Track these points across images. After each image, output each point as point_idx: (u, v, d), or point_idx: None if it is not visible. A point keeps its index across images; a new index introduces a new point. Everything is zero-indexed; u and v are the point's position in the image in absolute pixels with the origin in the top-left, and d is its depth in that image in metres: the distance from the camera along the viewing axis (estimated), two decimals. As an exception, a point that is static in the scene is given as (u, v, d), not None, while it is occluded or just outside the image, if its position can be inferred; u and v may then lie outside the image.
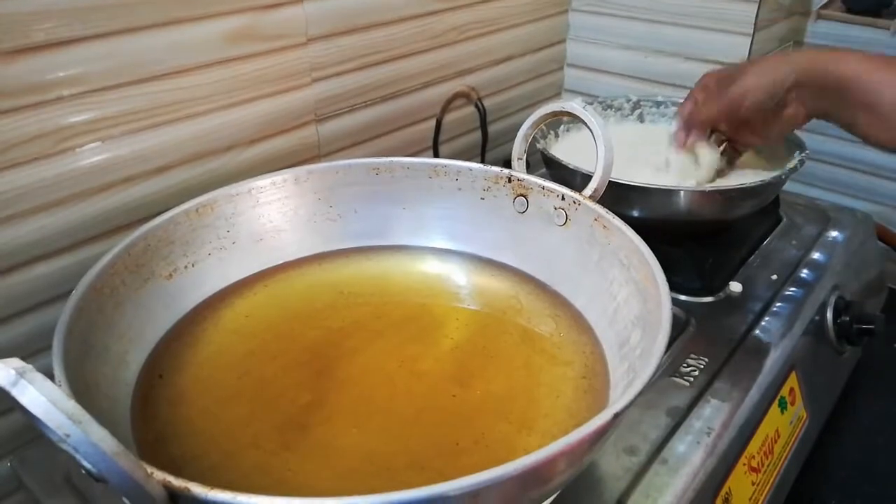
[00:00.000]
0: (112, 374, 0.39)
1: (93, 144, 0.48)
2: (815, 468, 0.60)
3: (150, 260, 0.45)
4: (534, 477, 0.28)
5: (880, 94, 0.51)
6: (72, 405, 0.23)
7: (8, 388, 0.22)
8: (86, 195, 0.49)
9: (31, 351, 0.48)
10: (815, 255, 0.64)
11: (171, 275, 0.46)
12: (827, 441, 0.60)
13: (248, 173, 0.51)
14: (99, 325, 0.39)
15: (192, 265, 0.48)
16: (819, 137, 0.86)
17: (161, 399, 0.40)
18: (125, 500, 0.26)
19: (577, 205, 0.48)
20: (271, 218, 0.52)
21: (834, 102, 0.54)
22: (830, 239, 0.67)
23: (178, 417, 0.39)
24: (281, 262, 0.52)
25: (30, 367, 0.23)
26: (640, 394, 0.31)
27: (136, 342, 0.42)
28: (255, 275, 0.51)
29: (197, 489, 0.26)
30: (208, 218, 0.49)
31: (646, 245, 0.41)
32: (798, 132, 0.67)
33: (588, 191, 0.48)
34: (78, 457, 0.26)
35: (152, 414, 0.39)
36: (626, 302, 0.43)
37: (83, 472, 0.28)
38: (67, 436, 0.22)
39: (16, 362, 0.23)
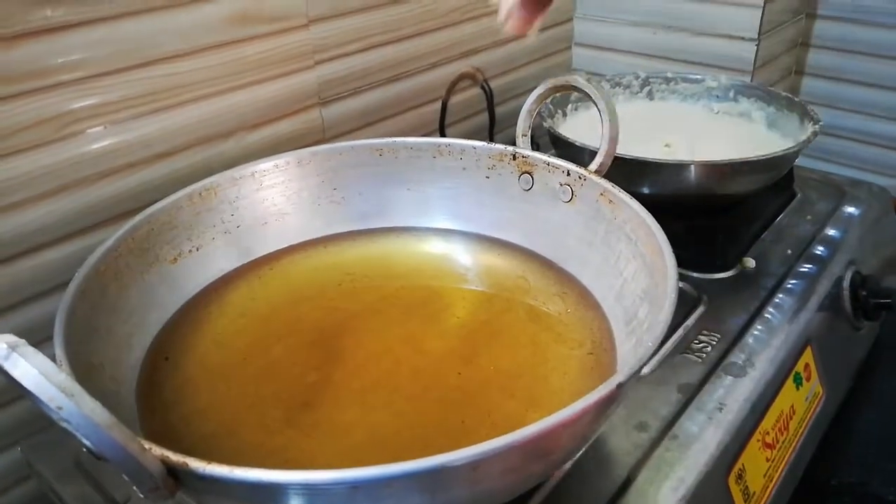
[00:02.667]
0: (117, 356, 0.39)
1: (95, 130, 0.48)
2: (832, 445, 0.59)
3: (155, 244, 0.45)
4: (536, 448, 0.28)
5: None
6: (63, 378, 0.23)
7: (0, 361, 0.22)
8: (89, 181, 0.49)
9: (38, 339, 0.47)
10: (831, 230, 0.63)
11: (175, 258, 0.46)
12: (844, 418, 0.59)
13: (252, 157, 0.51)
14: (103, 308, 0.39)
15: (197, 249, 0.48)
16: (834, 111, 0.85)
17: (166, 381, 0.40)
18: (125, 476, 0.26)
19: (582, 180, 0.47)
20: (275, 201, 0.52)
21: None
22: (846, 213, 0.65)
23: (184, 399, 0.39)
24: (285, 245, 0.52)
25: (23, 341, 0.23)
26: (645, 364, 0.30)
27: (141, 325, 0.42)
28: (259, 258, 0.50)
29: (194, 464, 0.26)
30: (212, 202, 0.49)
31: (652, 218, 0.40)
32: (812, 106, 0.65)
33: (593, 165, 0.47)
34: (73, 431, 0.26)
35: (158, 396, 0.39)
36: (634, 277, 0.42)
37: (84, 450, 0.28)
38: (60, 408, 0.22)
39: (9, 337, 0.23)
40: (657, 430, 0.42)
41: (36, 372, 0.22)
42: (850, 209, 0.66)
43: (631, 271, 0.42)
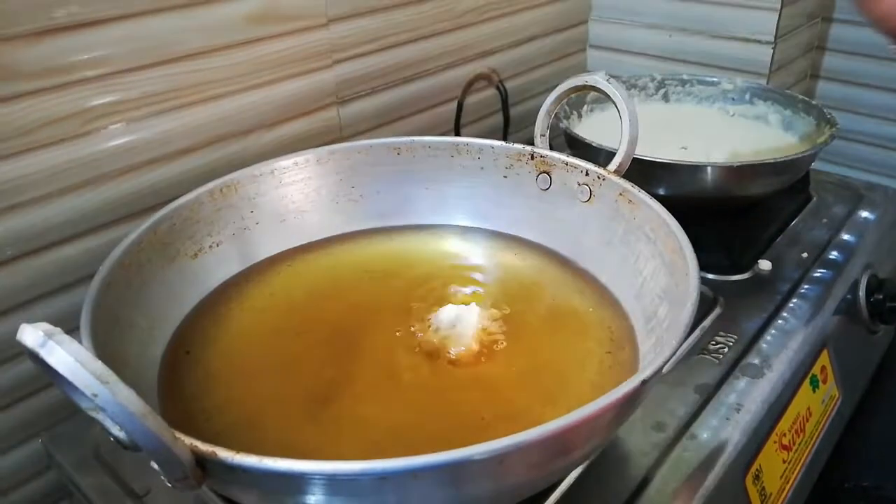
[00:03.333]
0: (139, 349, 0.39)
1: (116, 126, 0.49)
2: (847, 449, 0.59)
3: (176, 239, 0.45)
4: (561, 443, 0.28)
5: None
6: (99, 366, 0.23)
7: (37, 349, 0.23)
8: (111, 177, 0.50)
9: (64, 330, 0.49)
10: (847, 233, 0.63)
11: (196, 254, 0.46)
12: (859, 421, 0.59)
13: (270, 155, 0.51)
14: (126, 301, 0.39)
15: (217, 245, 0.48)
16: (849, 115, 0.84)
17: (187, 375, 0.40)
18: (154, 464, 0.26)
19: (601, 180, 0.47)
20: (294, 199, 0.52)
21: None
22: (862, 217, 0.65)
23: (204, 392, 0.39)
24: (304, 242, 0.52)
25: (58, 329, 0.24)
26: (668, 361, 0.30)
27: (163, 319, 0.42)
28: (278, 254, 0.51)
29: (223, 453, 0.26)
30: (232, 198, 0.49)
31: (672, 217, 0.41)
32: (829, 110, 0.65)
33: (613, 165, 0.47)
34: (106, 420, 0.26)
35: (179, 389, 0.39)
36: (653, 276, 0.42)
37: (112, 439, 0.28)
38: (95, 396, 0.23)
39: (44, 325, 0.24)
40: (675, 430, 0.42)
41: (72, 359, 0.23)
42: (867, 212, 0.66)
43: (650, 270, 0.42)
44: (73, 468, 0.43)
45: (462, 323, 0.44)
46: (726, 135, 0.71)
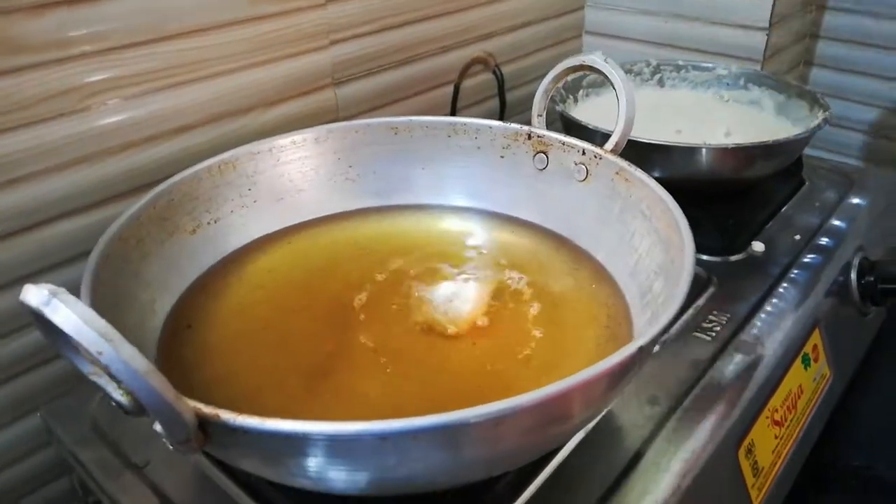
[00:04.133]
0: (138, 321, 0.40)
1: (115, 102, 0.49)
2: (838, 429, 0.60)
3: (175, 214, 0.45)
4: (557, 408, 0.29)
5: None
6: (103, 324, 0.23)
7: (41, 307, 0.23)
8: (110, 153, 0.50)
9: None
10: (839, 217, 0.63)
11: (195, 230, 0.47)
12: (851, 402, 0.60)
13: (268, 134, 0.51)
14: (125, 274, 0.40)
15: (216, 221, 0.48)
16: (842, 102, 0.85)
17: (187, 347, 0.41)
18: (156, 427, 0.27)
19: (598, 159, 0.48)
20: (292, 177, 0.52)
21: None
22: (854, 201, 0.66)
23: (204, 365, 0.40)
24: (302, 220, 0.52)
25: (62, 289, 0.24)
26: (665, 331, 0.31)
27: (162, 293, 0.43)
28: (277, 232, 0.51)
29: (226, 415, 0.26)
30: (230, 175, 0.49)
31: (668, 194, 0.41)
32: (822, 97, 0.65)
33: (609, 144, 0.47)
34: (107, 385, 0.27)
35: (178, 362, 0.40)
36: (648, 252, 0.42)
37: (113, 404, 0.28)
38: (100, 353, 0.23)
39: (49, 286, 0.24)
40: (668, 405, 0.43)
41: (76, 317, 0.23)
42: (858, 197, 0.67)
43: (646, 247, 0.43)
44: (73, 442, 0.44)
45: (459, 299, 0.45)
46: (721, 119, 0.71)
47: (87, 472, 0.41)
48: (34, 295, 0.23)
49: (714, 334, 0.48)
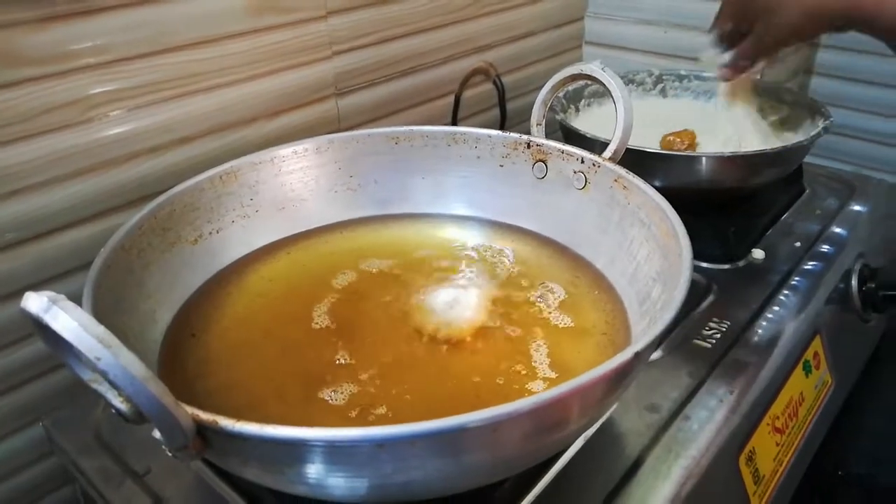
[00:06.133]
0: (139, 330, 0.40)
1: (118, 114, 0.50)
2: (841, 437, 0.60)
3: (176, 224, 0.46)
4: (554, 414, 0.29)
5: None
6: (102, 330, 0.23)
7: (41, 314, 0.23)
8: (114, 164, 0.50)
9: None
10: (840, 224, 0.63)
11: (196, 240, 0.47)
12: (853, 410, 0.60)
13: (270, 145, 0.52)
14: (127, 284, 0.40)
15: (217, 231, 0.48)
16: (842, 111, 0.85)
17: (189, 356, 0.41)
18: (155, 433, 0.27)
19: (596, 167, 0.48)
20: (293, 187, 0.53)
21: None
22: (855, 208, 0.66)
23: (206, 374, 0.40)
24: (303, 229, 0.52)
25: (62, 296, 0.24)
26: (661, 336, 0.31)
27: (164, 302, 0.43)
28: (278, 241, 0.51)
29: (224, 422, 0.26)
30: (232, 185, 0.49)
31: (666, 201, 0.41)
32: (823, 105, 0.66)
33: (608, 153, 0.48)
34: (107, 392, 0.27)
35: (180, 370, 0.40)
36: (647, 259, 0.43)
37: (113, 411, 0.29)
38: (98, 359, 0.23)
39: (49, 293, 0.24)
40: (668, 412, 0.43)
41: (76, 324, 0.23)
42: (859, 204, 0.67)
43: (644, 254, 0.43)
44: (75, 451, 0.44)
45: (459, 306, 0.45)
46: (723, 128, 0.71)
47: (88, 480, 0.41)
48: (34, 302, 0.23)
49: (714, 342, 0.49)
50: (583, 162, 0.49)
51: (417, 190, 0.55)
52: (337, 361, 0.40)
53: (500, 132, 0.53)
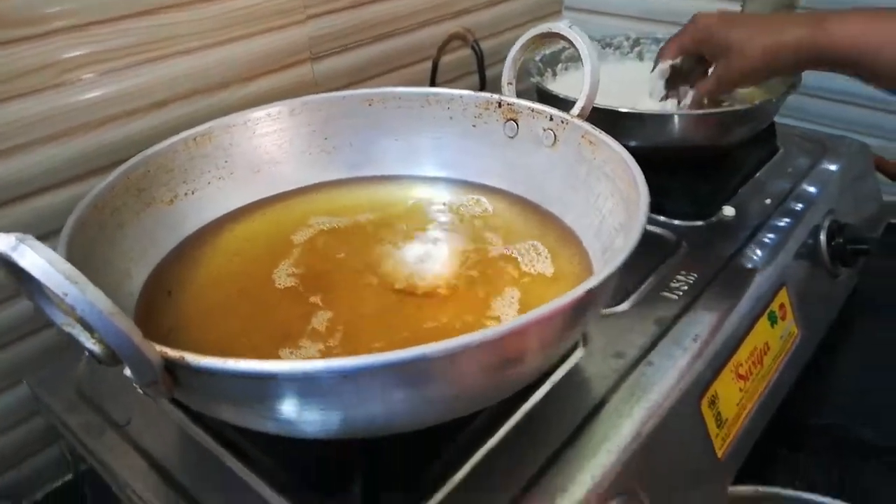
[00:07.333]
0: (115, 286, 0.41)
1: (91, 77, 0.50)
2: (811, 389, 0.62)
3: (151, 185, 0.46)
4: (510, 346, 0.30)
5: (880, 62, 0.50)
6: (68, 267, 0.24)
7: (8, 251, 0.24)
8: (88, 128, 0.51)
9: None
10: (811, 182, 0.64)
11: (171, 200, 0.48)
12: (824, 363, 0.61)
13: (247, 108, 0.52)
14: (100, 241, 0.41)
15: (192, 192, 0.49)
16: (817, 73, 0.86)
17: (162, 314, 0.42)
18: (127, 370, 0.28)
19: (565, 124, 0.49)
20: (267, 149, 0.53)
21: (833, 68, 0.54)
22: (826, 167, 0.67)
23: (179, 327, 0.41)
24: (279, 191, 0.53)
25: (29, 236, 0.25)
26: (613, 276, 0.32)
27: (139, 261, 0.44)
28: (253, 203, 0.52)
29: (190, 357, 0.27)
30: (206, 148, 0.50)
31: (627, 153, 0.42)
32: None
33: (575, 109, 0.49)
34: (80, 335, 0.28)
35: (154, 328, 0.41)
36: (611, 213, 0.44)
37: (87, 354, 0.30)
38: (66, 294, 0.24)
39: (17, 233, 0.25)
40: (633, 358, 0.44)
41: (43, 261, 0.24)
42: (831, 163, 0.68)
43: (609, 207, 0.44)
44: (59, 407, 0.45)
45: (430, 260, 0.46)
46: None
47: (72, 433, 0.43)
48: (2, 241, 0.24)
49: (681, 293, 0.50)
50: (552, 119, 0.49)
51: (391, 152, 0.55)
52: (311, 316, 0.41)
53: (471, 92, 0.53)
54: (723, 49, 0.57)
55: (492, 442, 0.39)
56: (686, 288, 0.50)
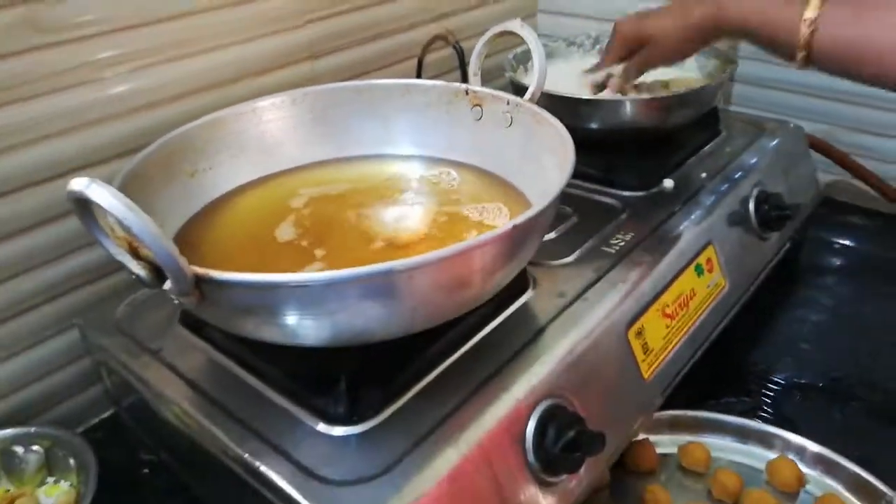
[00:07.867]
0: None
1: (122, 74, 0.60)
2: (742, 338, 0.71)
3: (174, 161, 0.56)
4: (456, 267, 0.39)
5: (778, 35, 0.58)
6: (129, 201, 0.34)
7: (83, 189, 0.34)
8: (118, 117, 0.61)
9: (69, 249, 0.61)
10: (745, 158, 0.74)
11: (193, 174, 0.58)
12: (757, 315, 0.71)
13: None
14: (139, 202, 0.50)
15: (210, 168, 0.59)
16: (766, 65, 0.95)
17: (188, 259, 0.51)
18: (167, 284, 0.38)
19: (519, 107, 0.58)
20: (273, 133, 0.63)
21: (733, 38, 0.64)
22: (761, 145, 0.77)
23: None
24: (282, 168, 0.63)
25: (96, 179, 0.35)
26: (539, 214, 0.41)
27: (168, 220, 0.54)
28: (261, 178, 0.62)
29: (215, 273, 0.37)
30: (220, 132, 0.60)
31: (562, 126, 0.52)
32: (734, 54, 0.76)
33: (527, 95, 0.58)
34: (130, 262, 0.38)
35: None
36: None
37: (133, 276, 0.39)
38: (126, 219, 0.34)
39: (87, 178, 0.35)
40: (572, 297, 0.54)
41: (109, 195, 0.34)
42: (766, 141, 0.77)
43: (553, 176, 0.53)
44: (105, 341, 0.55)
45: (406, 219, 0.56)
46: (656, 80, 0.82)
47: (115, 358, 0.53)
48: (77, 182, 0.34)
49: (618, 248, 0.59)
50: (508, 104, 0.59)
51: (377, 134, 0.65)
52: (307, 263, 0.51)
53: (444, 82, 0.63)
54: (645, 41, 0.66)
55: (452, 358, 0.48)
56: (622, 244, 0.60)
